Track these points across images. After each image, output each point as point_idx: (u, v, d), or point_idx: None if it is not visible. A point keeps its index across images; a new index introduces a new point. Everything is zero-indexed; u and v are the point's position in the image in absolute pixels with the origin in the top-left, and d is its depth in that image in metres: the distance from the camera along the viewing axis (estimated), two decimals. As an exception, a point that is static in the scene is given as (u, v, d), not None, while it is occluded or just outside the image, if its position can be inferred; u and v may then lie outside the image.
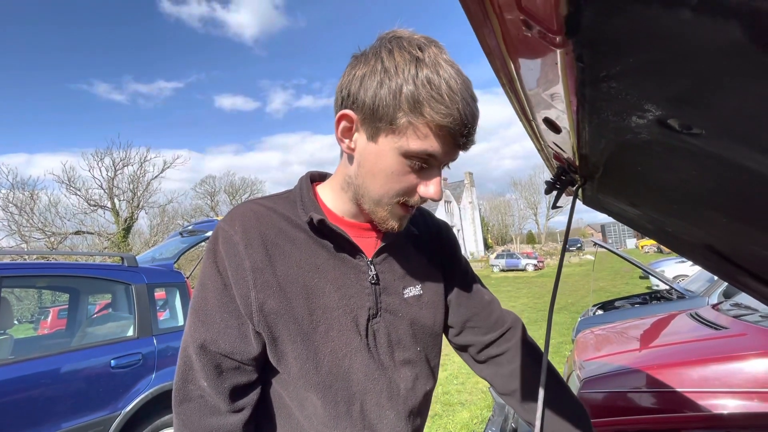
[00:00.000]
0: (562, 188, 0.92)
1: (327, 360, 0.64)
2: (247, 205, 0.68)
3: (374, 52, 0.58)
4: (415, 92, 0.54)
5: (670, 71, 0.23)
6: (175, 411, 0.63)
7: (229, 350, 0.63)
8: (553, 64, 0.33)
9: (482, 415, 3.83)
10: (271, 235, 0.65)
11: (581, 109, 0.40)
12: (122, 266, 2.99)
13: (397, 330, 0.70)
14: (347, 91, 0.60)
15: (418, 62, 0.55)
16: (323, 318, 0.64)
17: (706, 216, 0.59)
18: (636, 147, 0.44)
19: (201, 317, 0.63)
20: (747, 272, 1.01)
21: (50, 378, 2.33)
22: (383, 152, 0.59)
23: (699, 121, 0.29)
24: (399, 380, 0.69)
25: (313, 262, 0.65)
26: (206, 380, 0.62)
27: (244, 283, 0.62)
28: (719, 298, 4.01)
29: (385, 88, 0.56)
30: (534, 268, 24.75)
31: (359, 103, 0.58)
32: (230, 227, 0.64)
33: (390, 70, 0.55)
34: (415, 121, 0.56)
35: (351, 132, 0.62)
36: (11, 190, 20.35)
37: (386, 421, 0.67)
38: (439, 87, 0.54)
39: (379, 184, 0.62)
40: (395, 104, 0.56)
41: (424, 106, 0.55)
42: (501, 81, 0.51)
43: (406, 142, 0.57)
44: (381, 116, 0.57)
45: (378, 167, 0.60)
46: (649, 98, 0.29)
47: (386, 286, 0.70)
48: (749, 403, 1.90)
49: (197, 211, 31.57)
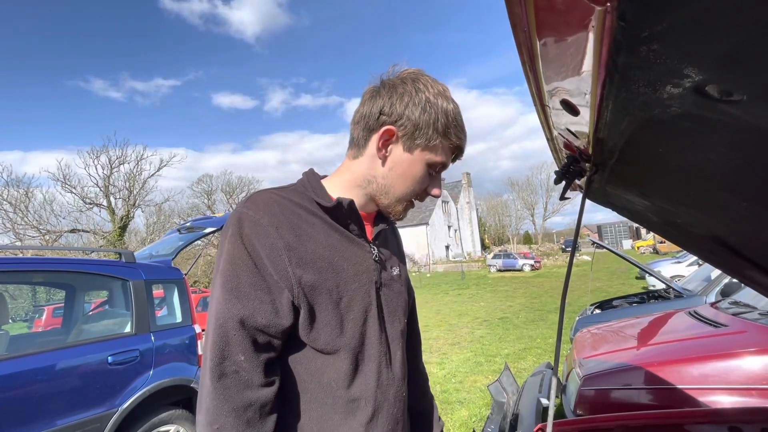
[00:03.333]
0: (572, 178, 0.91)
1: (350, 326, 0.75)
2: (266, 194, 0.76)
3: (414, 85, 0.75)
4: (446, 122, 0.74)
5: (724, 24, 0.22)
6: (213, 386, 0.66)
7: (265, 324, 0.69)
8: (587, 29, 0.32)
9: (481, 413, 3.83)
10: (294, 219, 0.74)
11: (609, 82, 0.39)
12: (120, 262, 2.95)
13: (393, 302, 0.83)
14: (391, 111, 0.75)
15: (446, 99, 0.75)
16: (345, 290, 0.75)
17: (725, 201, 0.58)
18: (662, 124, 0.43)
19: (236, 294, 0.68)
20: (755, 266, 1.01)
21: (46, 374, 2.29)
22: (416, 161, 0.77)
23: (741, 85, 0.28)
24: (397, 348, 0.82)
25: (330, 242, 0.75)
26: (243, 354, 0.67)
27: (280, 261, 0.70)
28: (717, 296, 4.03)
29: (426, 115, 0.74)
30: (531, 268, 24.81)
31: (403, 122, 0.74)
32: (255, 213, 0.72)
33: (430, 101, 0.74)
34: (444, 142, 0.76)
35: (388, 143, 0.77)
36: (5, 187, 20.18)
37: (393, 382, 0.79)
38: (458, 119, 0.76)
39: (406, 185, 0.79)
40: (434, 130, 0.74)
41: (450, 133, 0.75)
42: (522, 59, 0.50)
43: (434, 156, 0.77)
44: (422, 135, 0.74)
45: (410, 172, 0.78)
46: (691, 60, 0.28)
47: (383, 264, 0.83)
48: (748, 399, 1.91)
49: (194, 209, 31.44)
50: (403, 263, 0.94)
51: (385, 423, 0.77)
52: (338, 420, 0.74)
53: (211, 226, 3.97)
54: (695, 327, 2.64)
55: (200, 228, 4.01)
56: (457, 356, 6.08)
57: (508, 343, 6.69)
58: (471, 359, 5.83)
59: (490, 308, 11.18)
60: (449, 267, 30.86)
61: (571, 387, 2.45)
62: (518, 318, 9.10)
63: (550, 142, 0.95)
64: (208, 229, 3.94)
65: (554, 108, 0.61)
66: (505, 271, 25.20)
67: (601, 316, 4.57)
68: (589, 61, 0.38)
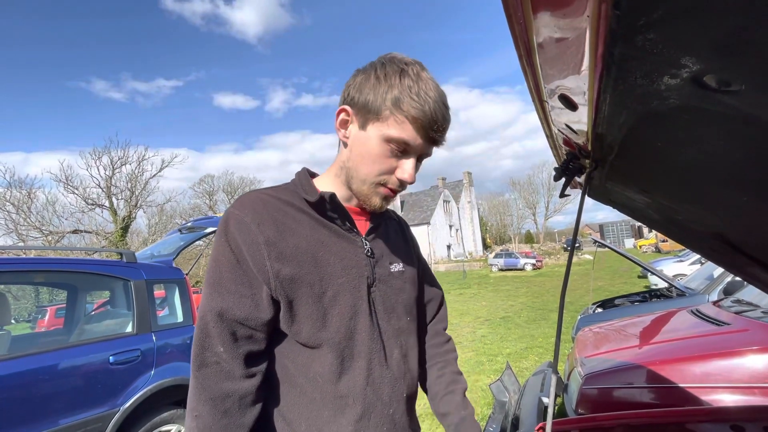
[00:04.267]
0: (572, 175, 0.91)
1: (335, 320, 0.74)
2: (254, 193, 0.78)
3: (371, 66, 0.75)
4: (399, 93, 0.70)
5: (721, 9, 0.22)
6: (194, 375, 0.69)
7: (244, 317, 0.70)
8: (582, 20, 0.31)
9: (483, 412, 3.82)
10: (279, 216, 0.74)
11: (606, 75, 0.38)
12: (121, 262, 2.96)
13: (390, 299, 0.81)
14: (348, 92, 0.76)
15: (402, 73, 0.71)
16: (330, 284, 0.74)
17: (725, 196, 0.58)
18: (660, 116, 0.42)
19: (216, 289, 0.70)
20: (757, 263, 1.00)
21: (48, 374, 2.30)
22: (370, 138, 0.74)
23: (740, 75, 0.28)
24: (394, 346, 0.80)
25: (317, 237, 0.76)
26: (222, 346, 0.68)
27: (259, 255, 0.70)
28: (719, 295, 4.01)
29: (375, 90, 0.72)
30: (532, 267, 24.76)
31: (356, 100, 0.74)
32: (240, 211, 0.73)
33: (381, 78, 0.72)
34: (396, 113, 0.71)
35: (347, 124, 0.77)
36: (8, 188, 20.28)
37: (387, 381, 0.77)
38: (417, 90, 0.70)
39: (365, 165, 0.75)
40: (382, 101, 0.71)
41: (402, 102, 0.70)
42: (518, 52, 0.49)
43: (387, 128, 0.72)
44: (370, 109, 0.72)
45: (365, 149, 0.74)
46: (688, 49, 0.27)
47: (378, 260, 0.82)
48: (751, 398, 1.90)
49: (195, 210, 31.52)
50: (412, 259, 0.92)
51: (378, 423, 0.75)
52: (327, 416, 0.73)
53: (212, 226, 3.98)
54: (697, 325, 2.63)
55: (201, 228, 4.01)
56: (459, 355, 6.06)
57: (509, 342, 6.68)
58: (473, 358, 5.83)
59: (492, 307, 11.16)
60: (451, 266, 30.84)
61: (572, 386, 2.44)
62: (520, 317, 9.08)
63: (549, 139, 0.94)
64: (209, 229, 3.95)
65: (553, 104, 0.60)
66: (507, 270, 25.16)
67: (603, 314, 4.55)
68: (586, 53, 0.37)
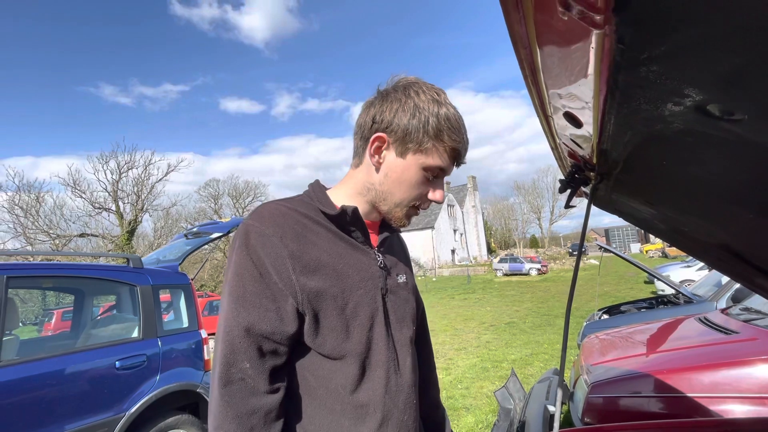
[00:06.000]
0: (577, 187, 0.91)
1: (357, 331, 0.75)
2: (271, 205, 0.79)
3: (403, 92, 0.76)
4: (438, 124, 0.74)
5: (723, 47, 0.22)
6: (219, 393, 0.69)
7: (270, 331, 0.71)
8: (587, 50, 0.32)
9: (487, 419, 3.80)
10: (299, 228, 0.75)
11: (610, 98, 0.39)
12: (127, 267, 2.98)
13: (400, 309, 0.84)
14: (381, 118, 0.77)
15: (438, 104, 0.75)
16: (351, 296, 0.76)
17: (730, 213, 0.58)
18: (665, 139, 0.42)
19: (242, 303, 0.71)
20: (764, 273, 0.99)
21: (55, 379, 2.32)
22: (409, 166, 0.77)
23: (743, 106, 0.28)
24: (406, 354, 0.82)
25: (335, 250, 0.77)
26: (249, 362, 0.69)
27: (284, 269, 0.71)
28: (728, 302, 3.96)
29: (416, 119, 0.74)
30: (537, 272, 24.62)
31: (393, 128, 0.76)
32: (261, 224, 0.74)
33: (420, 106, 0.74)
34: (438, 145, 0.75)
35: (381, 150, 0.78)
36: (17, 192, 20.53)
37: (402, 388, 0.79)
38: (454, 122, 0.75)
39: (403, 191, 0.79)
40: (424, 132, 0.74)
41: (444, 135, 0.74)
42: (524, 73, 0.50)
43: (428, 159, 0.76)
44: (411, 139, 0.75)
45: (405, 176, 0.78)
46: (692, 81, 0.28)
47: (389, 272, 0.84)
48: (761, 409, 1.87)
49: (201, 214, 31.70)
50: (410, 271, 0.95)
51: (395, 430, 0.77)
52: (347, 426, 0.74)
53: (217, 231, 3.99)
54: (705, 334, 2.60)
55: (207, 233, 4.03)
56: (464, 362, 6.04)
57: (514, 348, 6.63)
58: (477, 365, 5.79)
59: (497, 313, 11.10)
60: (455, 271, 30.73)
61: (578, 394, 2.42)
62: (525, 323, 9.02)
63: (554, 151, 0.94)
64: (215, 234, 3.96)
65: (558, 120, 0.61)
66: (512, 275, 25.02)
67: (609, 321, 4.51)
68: (590, 77, 0.38)
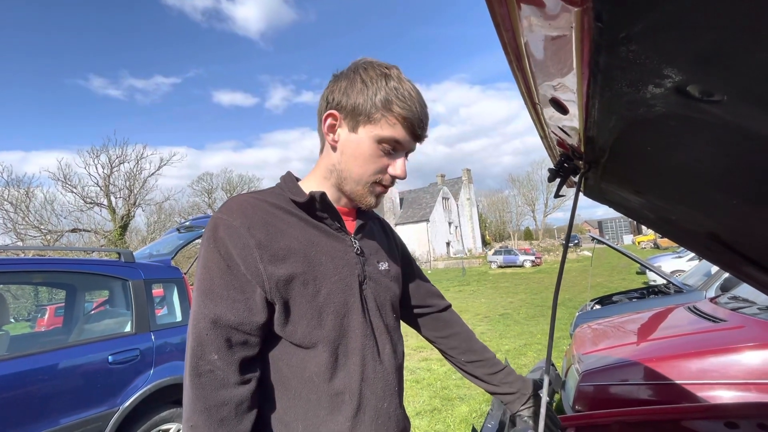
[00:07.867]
0: (566, 176, 0.91)
1: (330, 318, 0.74)
2: (240, 197, 0.78)
3: (353, 71, 0.77)
4: (387, 95, 0.73)
5: (699, 24, 0.22)
6: (188, 385, 0.68)
7: (237, 322, 0.69)
8: (567, 29, 0.31)
9: (481, 409, 3.85)
10: (268, 218, 0.75)
11: (593, 82, 0.38)
12: (119, 262, 2.96)
13: (380, 296, 0.83)
14: (332, 97, 0.77)
15: (387, 76, 0.75)
16: (324, 283, 0.75)
17: (715, 199, 0.58)
18: (648, 123, 0.42)
19: (209, 295, 0.70)
20: (751, 262, 1.01)
21: (47, 374, 2.31)
22: (362, 140, 0.76)
23: (721, 86, 0.28)
24: (385, 342, 0.81)
25: (308, 238, 0.76)
26: (217, 353, 0.68)
27: (251, 259, 0.70)
28: (716, 291, 4.02)
29: (363, 93, 0.74)
30: (532, 264, 24.82)
31: (342, 104, 0.76)
32: (228, 216, 0.73)
33: (367, 82, 0.74)
34: (387, 115, 0.74)
35: (335, 128, 0.78)
36: (6, 187, 20.20)
37: (380, 376, 0.79)
38: (403, 92, 0.74)
39: (359, 165, 0.77)
40: (372, 103, 0.74)
41: (393, 104, 0.74)
42: (509, 58, 0.50)
43: (379, 130, 0.75)
44: (360, 112, 0.74)
45: (359, 151, 0.77)
46: (670, 60, 0.27)
47: (367, 258, 0.83)
48: (747, 394, 1.91)
49: (194, 208, 31.51)
50: (396, 259, 0.94)
51: (373, 417, 0.77)
52: (323, 416, 0.74)
53: (210, 225, 3.97)
54: (694, 322, 2.64)
55: (199, 227, 4.01)
56: (458, 353, 6.09)
57: (508, 339, 6.71)
58: (471, 355, 5.84)
59: (491, 304, 11.20)
60: (450, 263, 30.89)
61: (570, 383, 2.45)
62: (519, 314, 9.11)
63: (544, 140, 0.94)
64: (208, 228, 3.94)
65: (545, 106, 0.60)
66: (506, 267, 25.21)
67: (601, 311, 4.57)
68: (573, 60, 0.38)
